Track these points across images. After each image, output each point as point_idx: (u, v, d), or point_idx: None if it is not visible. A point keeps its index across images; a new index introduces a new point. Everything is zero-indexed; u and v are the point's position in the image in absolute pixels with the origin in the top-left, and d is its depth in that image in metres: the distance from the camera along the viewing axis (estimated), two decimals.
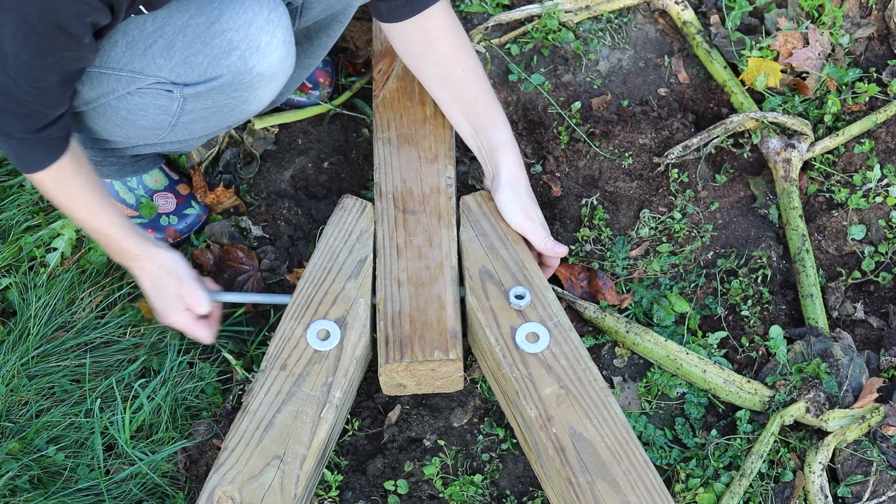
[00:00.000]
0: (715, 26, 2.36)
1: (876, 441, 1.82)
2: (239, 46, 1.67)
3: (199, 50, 1.66)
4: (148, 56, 1.68)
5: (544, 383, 1.75)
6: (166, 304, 1.86)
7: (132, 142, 1.94)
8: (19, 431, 1.85)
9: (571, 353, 1.78)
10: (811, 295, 1.99)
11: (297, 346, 1.81)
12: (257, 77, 1.71)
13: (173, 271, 1.85)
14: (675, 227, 2.12)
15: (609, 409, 1.72)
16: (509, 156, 1.93)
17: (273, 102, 2.17)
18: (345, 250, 1.92)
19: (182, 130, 1.83)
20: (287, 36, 1.72)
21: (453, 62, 1.93)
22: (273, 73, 1.73)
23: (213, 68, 1.68)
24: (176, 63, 1.67)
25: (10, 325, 1.95)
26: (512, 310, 1.82)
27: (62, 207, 1.79)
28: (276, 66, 1.73)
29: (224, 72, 1.68)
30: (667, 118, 2.24)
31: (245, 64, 1.68)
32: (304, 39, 2.02)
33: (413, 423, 1.91)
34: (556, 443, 1.69)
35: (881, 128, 2.18)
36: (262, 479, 1.68)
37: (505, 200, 1.92)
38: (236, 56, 1.67)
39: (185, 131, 1.84)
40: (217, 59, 1.67)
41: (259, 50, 1.68)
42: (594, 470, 1.66)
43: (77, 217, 1.79)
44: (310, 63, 2.08)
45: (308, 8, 1.86)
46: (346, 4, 1.92)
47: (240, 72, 1.69)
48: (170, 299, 1.86)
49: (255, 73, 1.70)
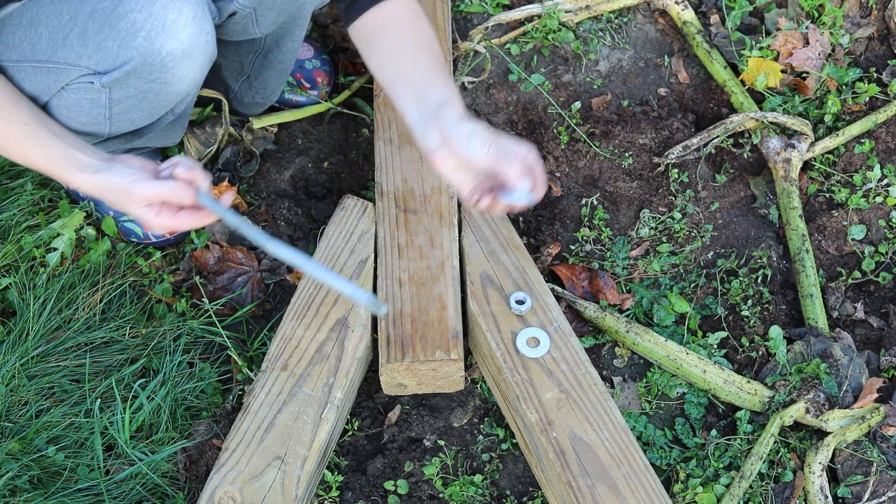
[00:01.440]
0: (715, 26, 2.36)
1: (876, 441, 1.82)
2: (143, 27, 1.63)
3: (108, 34, 1.63)
4: (68, 45, 1.66)
5: (545, 388, 1.76)
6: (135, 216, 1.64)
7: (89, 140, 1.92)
8: (19, 431, 1.85)
9: (571, 358, 1.79)
10: (811, 295, 1.99)
11: (299, 347, 1.81)
12: (168, 56, 1.67)
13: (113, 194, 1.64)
14: (676, 227, 2.12)
15: (609, 413, 1.73)
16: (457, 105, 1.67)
17: (258, 104, 2.16)
18: (346, 251, 1.92)
19: (120, 122, 1.80)
20: (196, 12, 1.67)
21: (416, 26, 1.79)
22: (185, 51, 1.68)
23: (123, 52, 1.64)
24: (91, 50, 1.65)
25: (9, 325, 1.95)
26: (513, 315, 1.83)
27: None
28: (188, 43, 1.67)
29: (133, 54, 1.65)
30: (667, 118, 2.24)
31: (152, 44, 1.64)
32: (273, 46, 2.02)
33: (413, 424, 1.91)
34: (556, 447, 1.70)
35: (881, 128, 2.18)
36: (263, 479, 1.68)
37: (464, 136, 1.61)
38: (142, 36, 1.63)
39: (123, 122, 1.81)
40: (125, 42, 1.64)
41: (165, 29, 1.64)
42: (594, 474, 1.68)
43: (15, 158, 1.70)
44: (283, 68, 2.07)
45: (262, 14, 1.84)
46: (298, 6, 1.90)
47: (148, 52, 1.65)
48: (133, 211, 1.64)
49: (163, 52, 1.66)
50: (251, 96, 2.15)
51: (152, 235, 2.09)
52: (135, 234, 2.09)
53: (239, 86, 2.13)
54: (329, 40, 2.38)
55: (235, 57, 2.05)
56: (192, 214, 1.63)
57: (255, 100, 2.17)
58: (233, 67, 2.08)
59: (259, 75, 2.09)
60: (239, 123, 2.23)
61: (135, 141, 1.97)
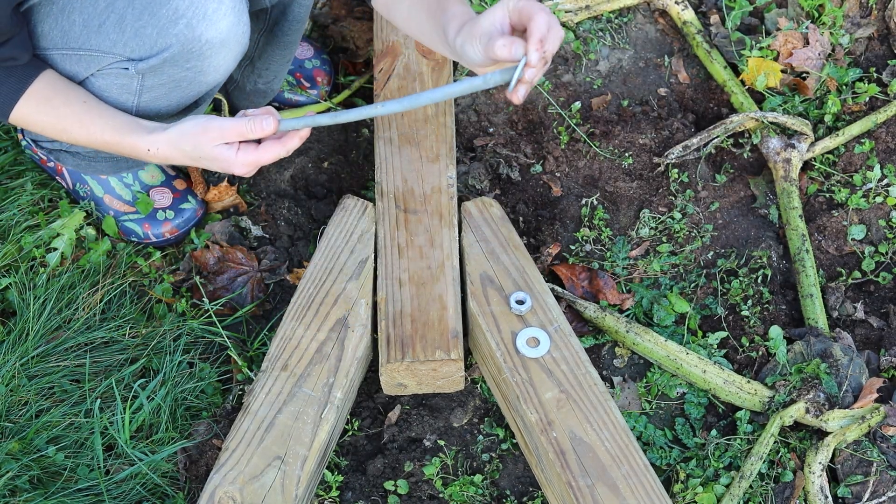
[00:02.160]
0: (715, 26, 2.36)
1: (876, 441, 1.83)
2: (185, 14, 1.64)
3: (148, 21, 1.65)
4: (103, 32, 1.67)
5: (545, 388, 1.76)
6: (213, 165, 1.65)
7: None
8: (19, 431, 1.85)
9: (571, 358, 1.79)
10: (811, 295, 1.99)
11: (299, 347, 1.81)
12: (207, 44, 1.69)
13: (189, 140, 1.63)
14: (675, 227, 2.12)
15: (609, 413, 1.73)
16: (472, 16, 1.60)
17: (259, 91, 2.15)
18: (346, 251, 1.92)
19: (146, 110, 1.81)
20: (236, 2, 1.69)
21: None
22: (223, 40, 1.70)
23: (163, 39, 1.66)
24: (128, 37, 1.66)
25: (9, 325, 1.95)
26: (513, 315, 1.83)
27: (57, 134, 1.72)
28: (226, 32, 1.69)
29: (173, 41, 1.66)
30: (667, 118, 2.24)
31: (193, 31, 1.66)
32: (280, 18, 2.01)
33: (413, 423, 1.91)
34: (556, 447, 1.70)
35: (881, 128, 2.18)
36: (263, 479, 1.68)
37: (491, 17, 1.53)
38: (183, 24, 1.65)
39: (149, 110, 1.81)
40: (165, 29, 1.65)
41: (206, 17, 1.66)
42: (594, 474, 1.68)
43: (76, 138, 1.72)
44: (289, 41, 2.05)
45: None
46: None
47: (188, 40, 1.66)
48: (210, 161, 1.65)
49: (203, 40, 1.67)
50: (253, 81, 2.14)
51: (152, 236, 2.09)
52: (135, 234, 2.09)
53: (242, 71, 2.12)
54: (329, 40, 2.38)
55: None
56: (275, 143, 1.61)
57: (256, 86, 2.16)
58: None
59: (263, 54, 2.08)
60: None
61: None
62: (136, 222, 2.09)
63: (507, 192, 2.16)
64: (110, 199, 2.09)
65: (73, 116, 1.71)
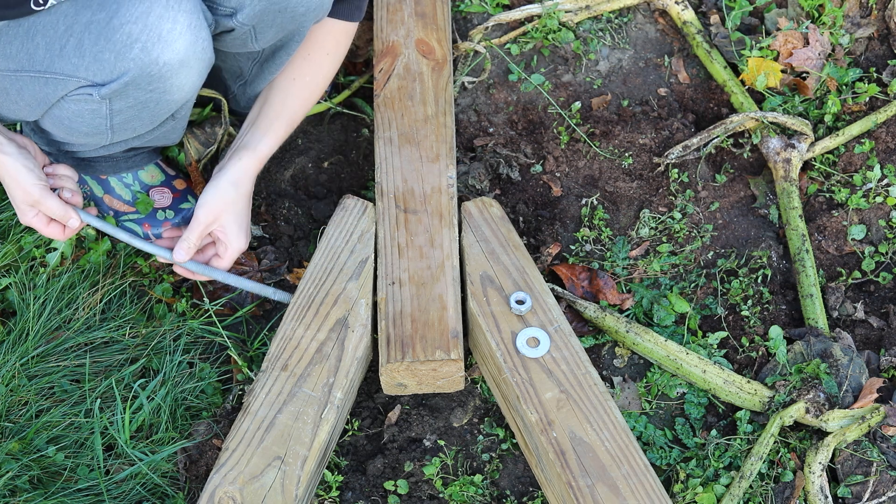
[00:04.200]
0: (715, 26, 2.36)
1: (876, 441, 1.82)
2: (139, 38, 1.63)
3: (104, 46, 1.64)
4: (64, 56, 1.67)
5: (545, 388, 1.76)
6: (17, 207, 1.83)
7: (90, 148, 1.94)
8: (19, 431, 1.85)
9: (572, 358, 1.79)
10: (811, 295, 1.99)
11: (299, 347, 1.81)
12: (165, 66, 1.67)
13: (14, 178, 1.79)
14: (675, 227, 2.12)
15: (609, 413, 1.73)
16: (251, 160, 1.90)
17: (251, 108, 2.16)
18: (346, 251, 1.92)
19: (121, 131, 1.82)
20: (191, 20, 1.67)
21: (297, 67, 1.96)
22: (182, 60, 1.69)
23: (121, 63, 1.65)
24: (88, 62, 1.66)
25: (9, 325, 1.95)
26: (513, 315, 1.83)
27: None
28: (184, 52, 1.68)
29: (131, 66, 1.65)
30: (667, 118, 2.24)
31: (149, 55, 1.65)
32: (269, 56, 2.02)
33: (413, 423, 1.91)
34: (556, 447, 1.70)
35: (881, 128, 2.18)
36: (263, 479, 1.68)
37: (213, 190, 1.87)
38: (138, 48, 1.64)
39: (125, 131, 1.83)
40: (121, 54, 1.64)
41: (161, 39, 1.65)
42: (594, 474, 1.68)
43: None
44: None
45: (261, 31, 1.85)
46: (298, 25, 1.91)
47: (146, 64, 1.66)
48: (18, 203, 1.82)
49: (160, 62, 1.67)
50: (245, 101, 2.16)
51: (152, 236, 2.09)
52: (134, 233, 2.09)
53: (237, 89, 2.13)
54: None
55: (234, 63, 2.05)
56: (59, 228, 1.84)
57: (249, 104, 2.17)
58: (233, 71, 2.09)
59: (254, 81, 2.09)
60: (238, 123, 2.22)
61: (134, 142, 1.97)
62: (136, 222, 2.09)
63: (507, 192, 2.16)
64: (110, 200, 2.09)
65: None
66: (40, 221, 1.83)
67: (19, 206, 1.82)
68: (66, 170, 1.88)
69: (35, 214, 1.82)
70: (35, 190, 1.78)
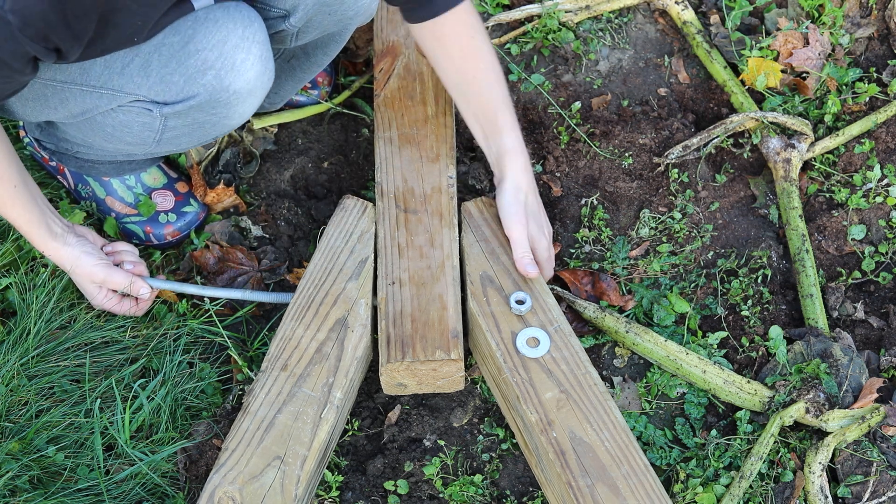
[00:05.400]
0: (715, 26, 2.36)
1: (876, 441, 1.82)
2: (214, 65, 1.67)
3: (175, 69, 1.67)
4: (126, 74, 1.69)
5: (545, 388, 1.76)
6: (86, 293, 1.95)
7: (121, 154, 1.95)
8: (19, 431, 1.85)
9: (571, 358, 1.79)
10: (811, 295, 1.99)
11: (298, 347, 1.81)
12: (234, 94, 1.72)
13: (78, 265, 1.89)
14: (675, 227, 2.12)
15: (609, 413, 1.73)
16: (516, 162, 1.91)
17: (263, 107, 2.18)
18: (346, 251, 1.92)
19: (166, 145, 1.85)
20: (263, 51, 1.72)
21: (464, 68, 1.91)
22: (250, 90, 1.73)
23: (190, 87, 1.68)
24: (153, 82, 1.68)
25: (10, 325, 1.95)
26: (513, 315, 1.83)
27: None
28: (253, 82, 1.72)
29: (200, 90, 1.69)
30: (667, 118, 2.24)
31: (220, 82, 1.69)
32: (301, 54, 2.02)
33: (413, 423, 1.91)
34: (556, 447, 1.70)
35: (881, 128, 2.18)
36: (262, 479, 1.68)
37: (504, 204, 1.91)
38: (211, 75, 1.67)
39: (169, 146, 1.86)
40: (193, 79, 1.67)
41: (234, 68, 1.68)
42: (594, 474, 1.67)
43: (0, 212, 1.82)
44: (304, 77, 2.09)
45: (304, 32, 1.86)
46: (343, 27, 1.92)
47: (216, 90, 1.69)
48: (86, 288, 1.93)
49: (231, 90, 1.71)
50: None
51: (154, 239, 2.09)
52: (136, 236, 2.09)
53: None
54: None
55: None
56: (132, 303, 1.94)
57: (262, 104, 2.17)
58: None
59: (278, 77, 2.09)
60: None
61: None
62: (138, 224, 2.09)
63: None
64: (112, 201, 2.09)
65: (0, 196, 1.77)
66: (111, 301, 1.93)
67: (87, 290, 1.93)
68: (125, 245, 1.97)
69: (105, 295, 1.92)
70: (98, 270, 1.88)
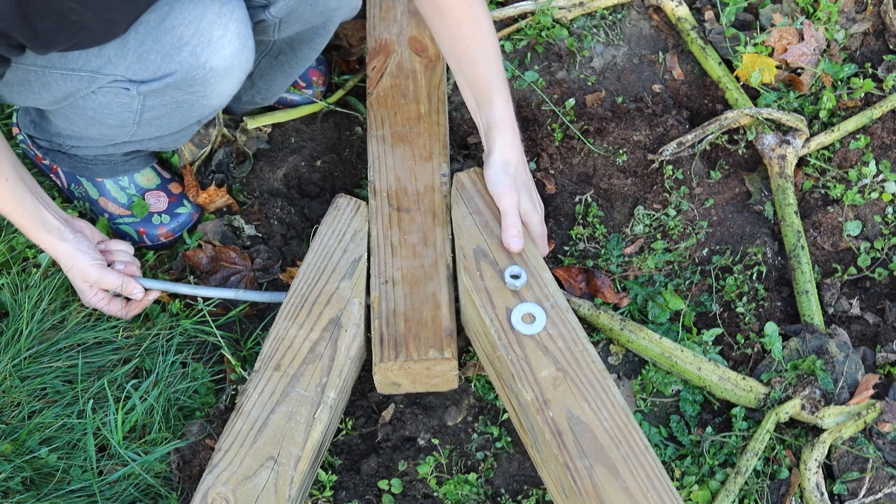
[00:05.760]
0: (709, 22, 2.36)
1: (872, 438, 1.82)
2: (190, 42, 1.66)
3: (151, 47, 1.66)
4: (103, 55, 1.68)
5: (541, 365, 1.70)
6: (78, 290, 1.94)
7: (106, 140, 1.94)
8: (11, 433, 1.84)
9: (568, 335, 1.74)
10: (806, 291, 1.98)
11: (292, 346, 1.80)
12: (211, 72, 1.70)
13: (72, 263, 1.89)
14: (670, 224, 2.12)
15: (607, 391, 1.68)
16: (504, 134, 1.87)
17: (255, 103, 2.17)
18: (339, 250, 1.91)
19: (148, 127, 1.83)
20: (240, 29, 1.70)
21: (459, 37, 1.88)
22: (228, 68, 1.72)
23: (166, 65, 1.67)
24: (130, 61, 1.67)
25: (1, 325, 1.95)
26: (507, 290, 1.78)
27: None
28: (230, 60, 1.71)
29: (177, 68, 1.67)
30: (661, 115, 2.23)
31: (197, 59, 1.67)
32: (287, 50, 2.02)
33: (407, 422, 1.90)
34: (552, 427, 1.65)
35: (876, 123, 2.17)
36: (256, 480, 1.67)
37: (491, 176, 1.87)
38: (187, 52, 1.66)
39: (150, 128, 1.84)
40: (169, 56, 1.66)
41: (210, 44, 1.67)
42: (592, 454, 1.62)
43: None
44: (293, 72, 2.08)
45: (287, 23, 1.85)
46: (326, 19, 1.91)
47: (192, 67, 1.68)
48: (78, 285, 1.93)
49: (207, 67, 1.69)
50: (251, 95, 2.15)
51: (147, 240, 2.09)
52: (129, 237, 2.09)
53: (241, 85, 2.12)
54: None
55: None
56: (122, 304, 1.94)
57: (254, 100, 2.16)
58: None
59: (265, 75, 2.09)
60: (232, 124, 2.22)
61: (137, 144, 1.97)
62: (131, 226, 2.08)
63: None
64: (105, 202, 2.09)
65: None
66: (101, 300, 1.93)
67: (79, 287, 1.92)
68: (121, 244, 1.97)
69: (95, 294, 1.92)
70: (92, 270, 1.88)
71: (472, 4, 1.87)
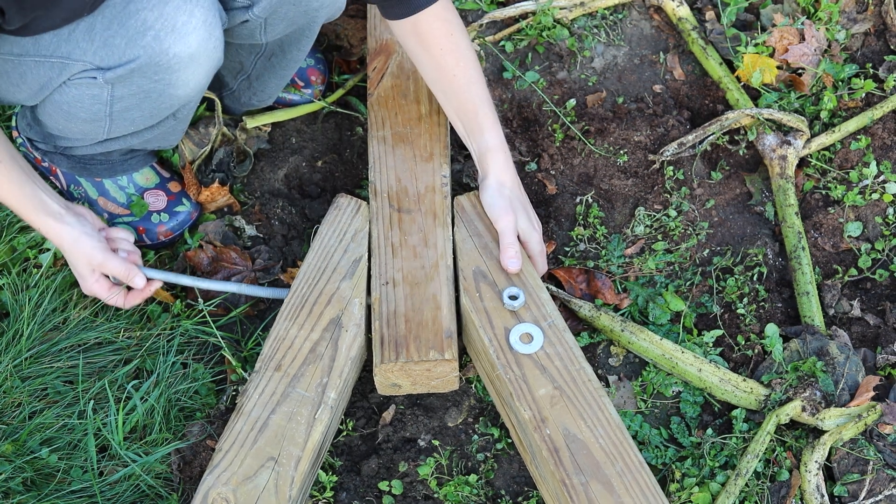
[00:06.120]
0: (710, 22, 2.35)
1: (872, 439, 1.82)
2: (153, 26, 1.65)
3: (117, 31, 1.65)
4: (73, 40, 1.68)
5: (538, 384, 1.75)
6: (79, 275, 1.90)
7: (88, 138, 1.94)
8: (12, 433, 1.84)
9: (565, 354, 1.78)
10: (807, 293, 1.98)
11: (292, 347, 1.80)
12: (174, 58, 1.69)
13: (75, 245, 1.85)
14: (671, 225, 2.12)
15: (603, 409, 1.72)
16: (497, 159, 1.91)
17: (254, 105, 2.16)
18: (339, 250, 1.91)
19: (120, 121, 1.82)
20: (207, 16, 1.69)
21: (444, 65, 1.92)
22: (192, 55, 1.70)
23: (130, 49, 1.66)
24: (97, 46, 1.67)
25: (2, 326, 1.95)
26: (506, 310, 1.82)
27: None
28: (195, 47, 1.69)
29: (140, 53, 1.66)
30: (662, 115, 2.23)
31: (160, 45, 1.66)
32: (278, 51, 2.02)
33: (407, 423, 1.90)
34: (550, 444, 1.69)
35: (877, 124, 2.17)
36: (256, 480, 1.68)
37: (487, 199, 1.91)
38: (151, 36, 1.65)
39: (123, 122, 1.83)
40: (133, 40, 1.65)
41: (175, 30, 1.66)
42: (588, 471, 1.66)
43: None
44: (285, 73, 2.09)
45: (272, 24, 1.85)
46: (310, 19, 1.91)
47: (156, 52, 1.67)
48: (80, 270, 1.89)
49: (170, 53, 1.68)
50: (248, 97, 2.15)
51: (146, 239, 2.09)
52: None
53: (238, 84, 2.12)
54: (323, 38, 2.37)
55: (235, 57, 2.04)
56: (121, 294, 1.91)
57: (251, 101, 2.17)
58: (232, 66, 2.08)
59: (260, 77, 2.09)
60: (232, 123, 2.22)
61: (132, 141, 1.97)
62: (131, 225, 2.08)
63: None
64: (104, 202, 2.09)
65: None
66: (102, 287, 1.89)
67: (81, 272, 1.88)
68: (122, 232, 1.95)
69: (96, 280, 1.88)
70: (96, 253, 1.85)
71: (454, 32, 1.90)
